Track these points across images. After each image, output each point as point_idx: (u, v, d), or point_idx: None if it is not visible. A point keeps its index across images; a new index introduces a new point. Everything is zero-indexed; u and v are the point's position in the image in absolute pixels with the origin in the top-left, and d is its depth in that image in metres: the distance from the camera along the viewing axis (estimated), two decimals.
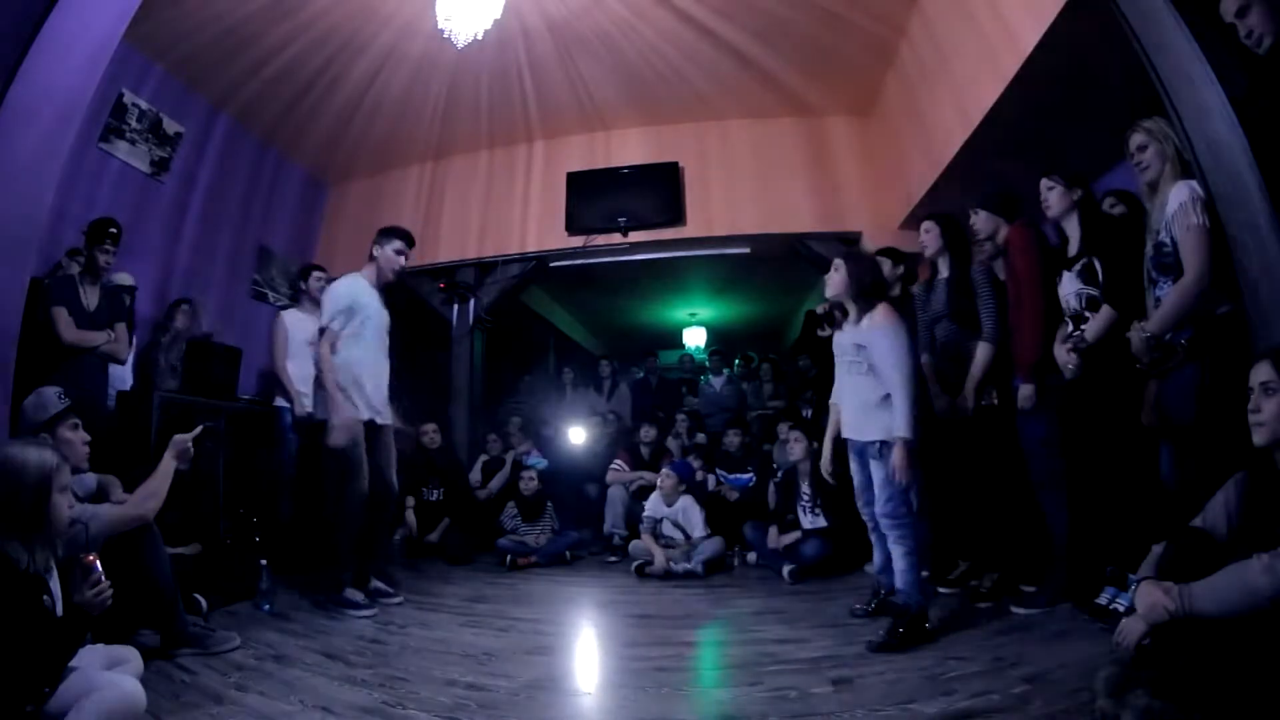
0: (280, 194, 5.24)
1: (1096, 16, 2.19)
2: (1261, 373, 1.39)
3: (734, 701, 1.80)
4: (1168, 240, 1.91)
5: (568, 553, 4.02)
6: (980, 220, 2.79)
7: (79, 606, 1.48)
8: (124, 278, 3.52)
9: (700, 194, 4.94)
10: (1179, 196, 1.88)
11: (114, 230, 3.27)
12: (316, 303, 3.97)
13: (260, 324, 4.97)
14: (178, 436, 2.18)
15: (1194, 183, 1.88)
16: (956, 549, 2.94)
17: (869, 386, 2.34)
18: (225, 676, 1.95)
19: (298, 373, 3.79)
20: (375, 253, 3.03)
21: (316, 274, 4.04)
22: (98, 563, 1.53)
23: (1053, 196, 2.35)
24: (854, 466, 2.50)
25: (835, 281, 2.44)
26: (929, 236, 2.94)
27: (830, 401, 2.70)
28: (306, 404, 3.82)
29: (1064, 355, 2.29)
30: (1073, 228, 2.35)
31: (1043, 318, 2.44)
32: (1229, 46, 1.76)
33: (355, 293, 2.92)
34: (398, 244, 3.05)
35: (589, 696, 1.92)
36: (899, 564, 2.25)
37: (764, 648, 2.24)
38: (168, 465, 2.11)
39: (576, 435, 5.13)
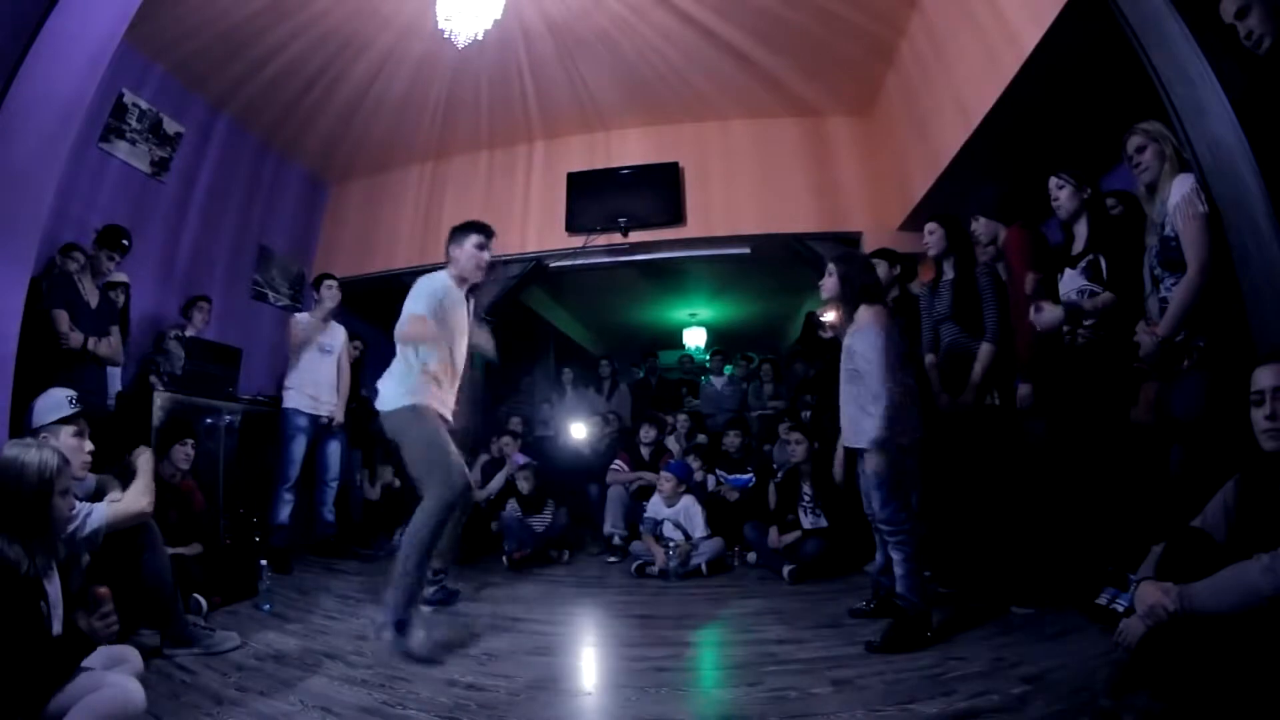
0: (280, 194, 5.25)
1: (1096, 16, 2.19)
2: (1274, 376, 1.36)
3: (734, 702, 1.80)
4: (1173, 233, 1.91)
5: (567, 554, 4.03)
6: (981, 226, 2.81)
7: (80, 628, 1.48)
8: (117, 274, 3.52)
9: (700, 194, 4.94)
10: (1181, 188, 1.88)
11: (126, 242, 3.31)
12: (326, 311, 3.99)
13: (261, 324, 4.98)
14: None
15: (1195, 175, 1.88)
16: (957, 549, 2.93)
17: (856, 392, 2.34)
18: (225, 676, 1.95)
19: (309, 376, 3.81)
20: (453, 253, 2.67)
21: (328, 282, 4.06)
22: (109, 595, 1.55)
23: (1063, 195, 2.34)
24: (859, 471, 2.50)
25: (829, 285, 2.45)
26: (933, 238, 2.94)
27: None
28: (324, 409, 3.84)
29: (1049, 316, 2.24)
30: (1081, 226, 2.34)
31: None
32: (1229, 46, 1.76)
33: (435, 288, 2.58)
34: (476, 238, 2.66)
35: (589, 696, 1.91)
36: (898, 569, 2.24)
37: (764, 648, 2.24)
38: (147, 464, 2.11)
39: (577, 432, 5.13)
